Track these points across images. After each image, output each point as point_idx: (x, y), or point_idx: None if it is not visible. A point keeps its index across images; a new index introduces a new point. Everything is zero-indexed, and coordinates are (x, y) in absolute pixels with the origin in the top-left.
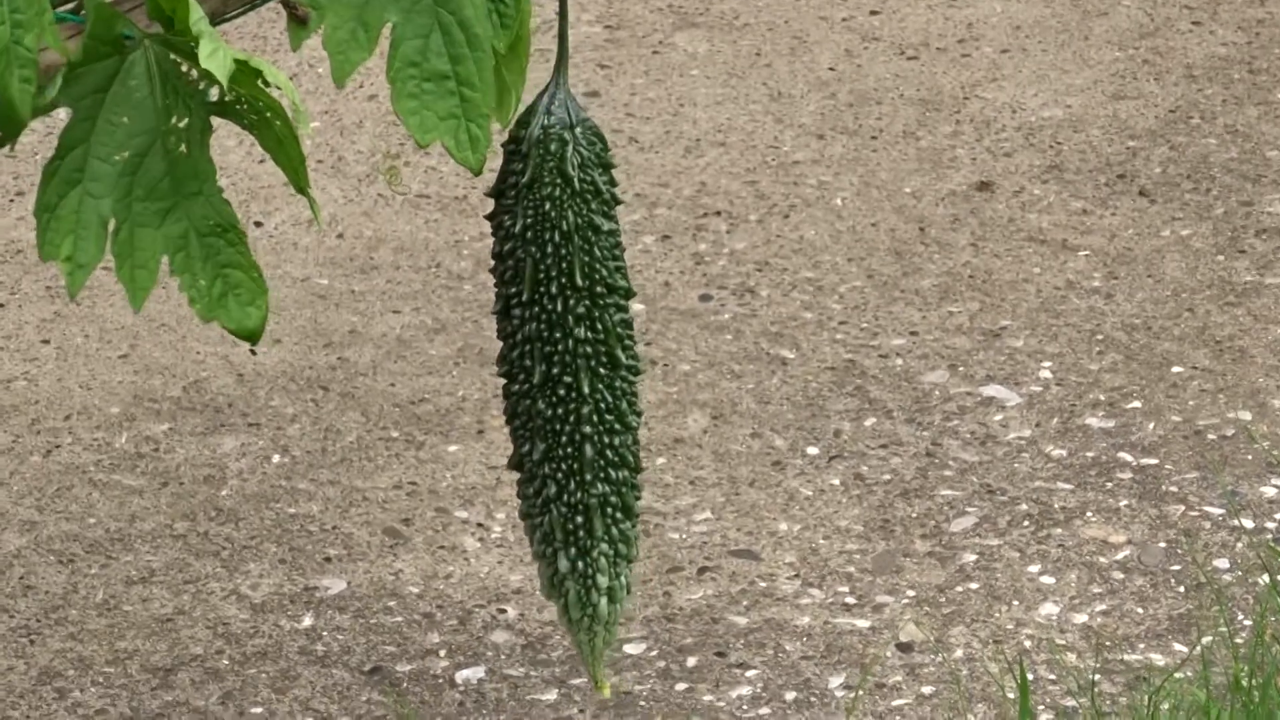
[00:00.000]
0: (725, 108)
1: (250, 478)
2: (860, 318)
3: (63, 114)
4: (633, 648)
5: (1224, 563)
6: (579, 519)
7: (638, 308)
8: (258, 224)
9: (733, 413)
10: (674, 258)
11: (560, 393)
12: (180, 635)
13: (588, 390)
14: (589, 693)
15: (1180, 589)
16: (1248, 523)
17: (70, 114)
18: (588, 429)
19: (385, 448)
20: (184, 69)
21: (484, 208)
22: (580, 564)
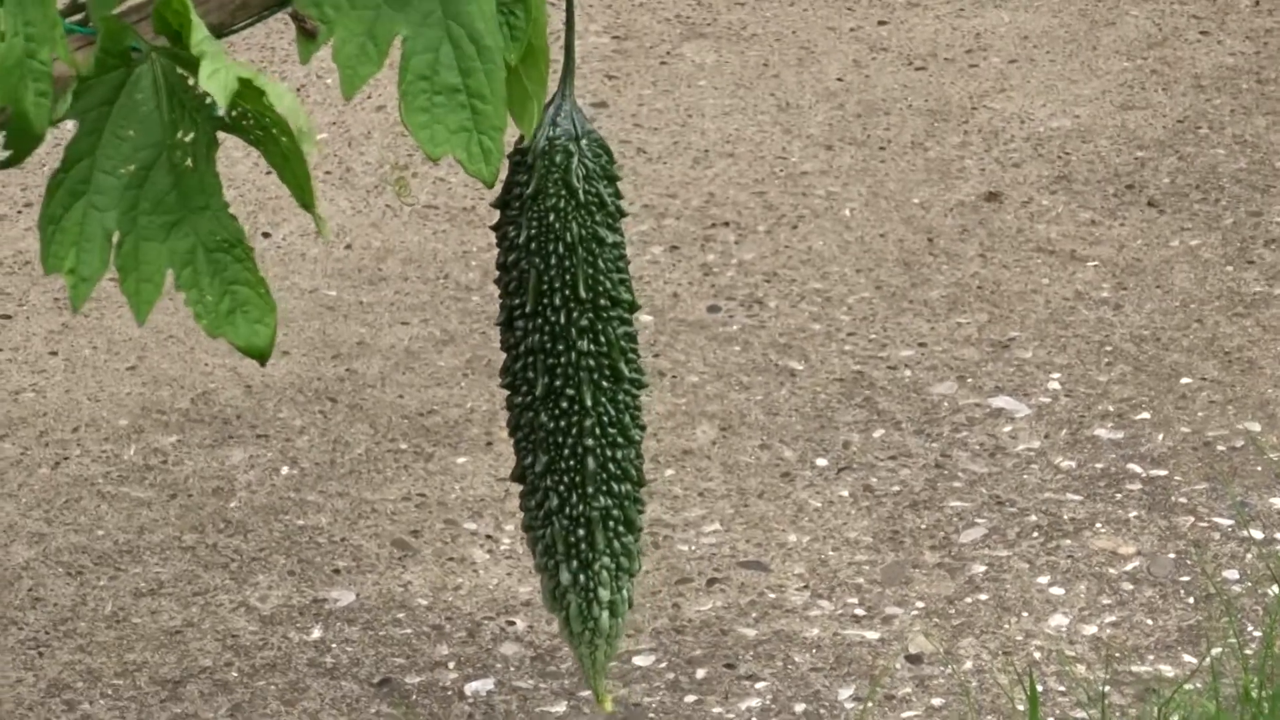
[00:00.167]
0: (733, 118)
1: (259, 489)
2: (869, 329)
3: (69, 125)
4: (642, 659)
5: (1233, 574)
6: (581, 532)
7: (645, 319)
8: (266, 235)
9: (741, 424)
10: (682, 269)
11: (563, 405)
12: (189, 647)
13: (590, 403)
14: (597, 705)
15: (1190, 600)
16: (1257, 534)
17: (77, 126)
18: (590, 442)
19: (394, 459)
20: (190, 83)
21: (492, 219)
22: (582, 577)
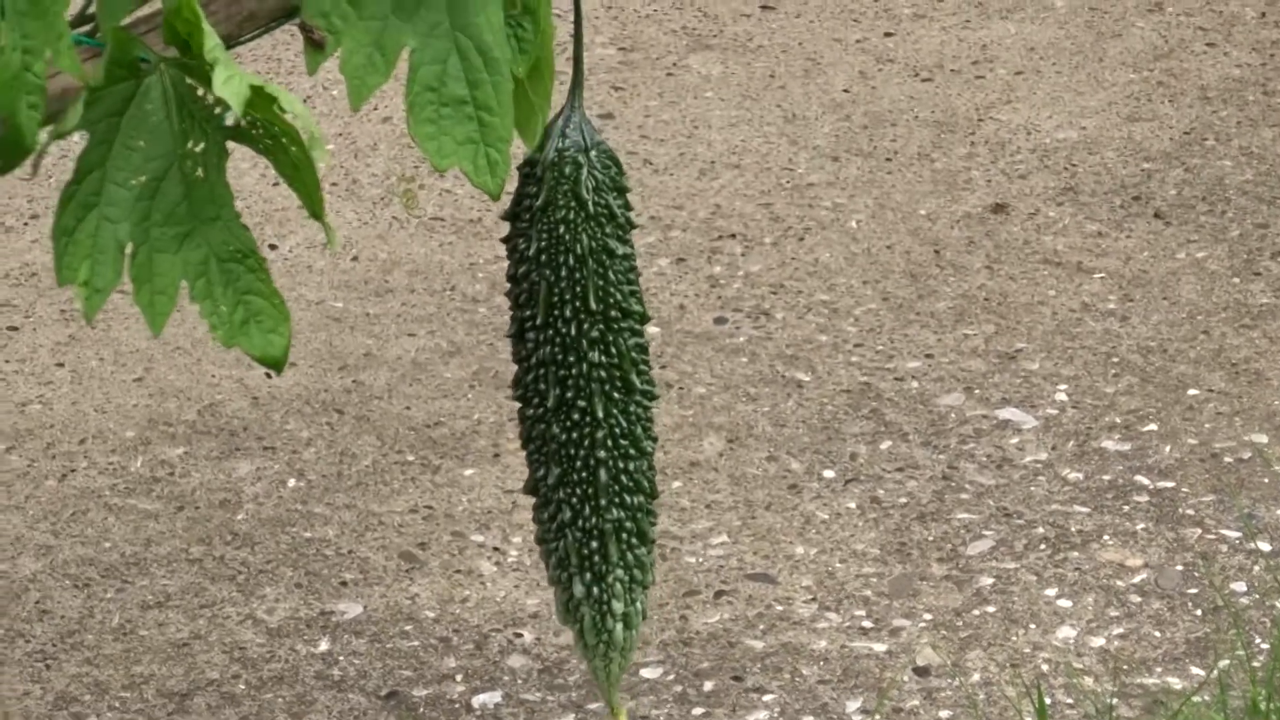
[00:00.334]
0: (739, 130)
1: (266, 502)
2: (876, 340)
3: (78, 137)
4: (649, 672)
5: (1241, 586)
6: (594, 544)
7: (652, 330)
8: (273, 247)
9: (748, 436)
10: (689, 280)
11: (575, 417)
12: (196, 660)
13: (602, 415)
14: (605, 718)
15: (1197, 612)
16: (1265, 546)
17: (87, 138)
18: (602, 454)
19: (401, 471)
20: (200, 93)
21: (499, 230)
22: (596, 589)
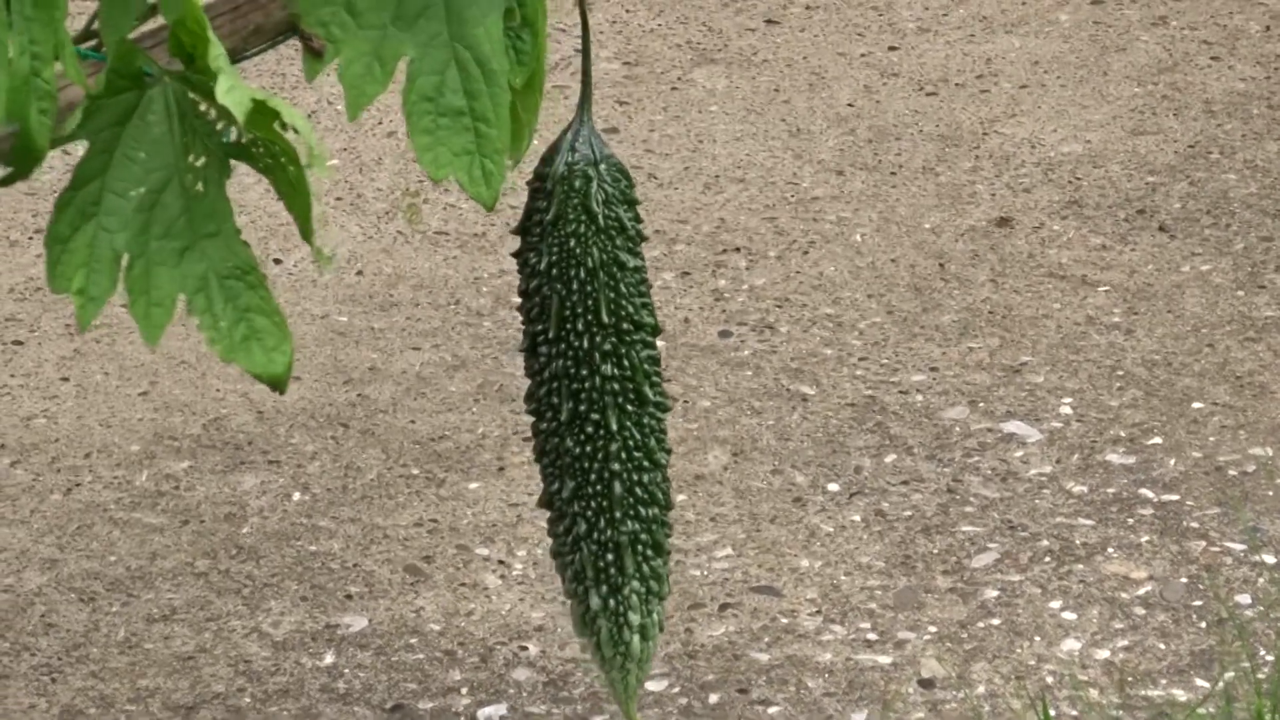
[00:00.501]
0: (744, 144)
1: (271, 515)
2: (880, 354)
3: (82, 149)
4: (654, 684)
5: (1245, 598)
6: (610, 556)
7: (658, 344)
8: (277, 261)
9: (753, 449)
10: (693, 294)
11: (588, 430)
12: (202, 673)
13: (615, 427)
14: None
15: (1202, 625)
16: (1269, 558)
17: (87, 146)
18: (616, 466)
19: (406, 485)
20: (202, 108)
21: (503, 244)
22: (612, 601)
